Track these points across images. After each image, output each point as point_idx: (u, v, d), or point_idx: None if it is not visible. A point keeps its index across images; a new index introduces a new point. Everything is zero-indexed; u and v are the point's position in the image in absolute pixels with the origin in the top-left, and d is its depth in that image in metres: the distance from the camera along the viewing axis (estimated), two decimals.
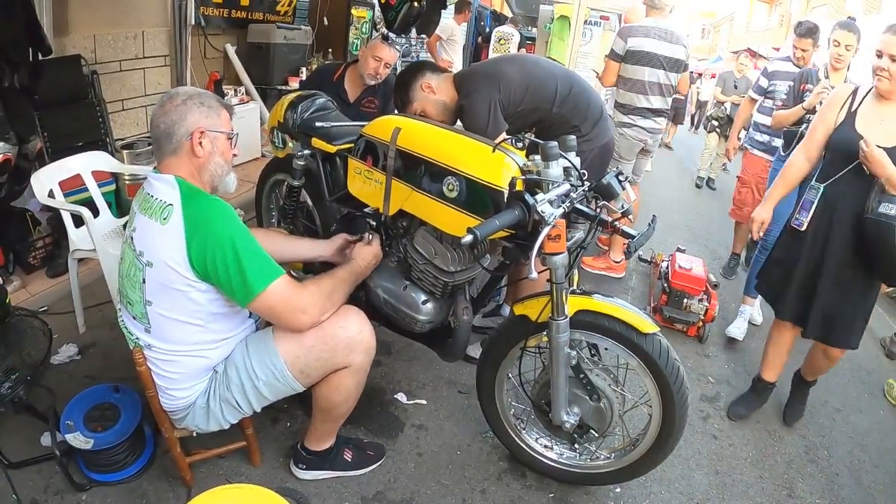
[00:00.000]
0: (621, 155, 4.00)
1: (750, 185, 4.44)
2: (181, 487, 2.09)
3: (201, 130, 1.72)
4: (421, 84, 2.54)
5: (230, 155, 1.84)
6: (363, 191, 2.33)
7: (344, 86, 3.58)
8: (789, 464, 2.64)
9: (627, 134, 3.97)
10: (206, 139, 1.74)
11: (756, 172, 4.37)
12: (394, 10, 5.05)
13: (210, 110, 1.75)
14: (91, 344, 2.84)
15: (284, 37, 6.07)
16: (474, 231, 1.58)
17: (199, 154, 1.73)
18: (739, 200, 4.55)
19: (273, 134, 2.94)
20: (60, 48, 3.77)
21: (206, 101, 1.75)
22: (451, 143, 2.05)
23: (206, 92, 1.81)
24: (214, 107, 1.77)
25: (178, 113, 1.71)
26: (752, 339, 3.72)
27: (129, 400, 2.18)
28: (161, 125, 1.72)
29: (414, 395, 2.72)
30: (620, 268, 4.43)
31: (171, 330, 1.74)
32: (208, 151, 1.75)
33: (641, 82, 3.85)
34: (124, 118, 4.64)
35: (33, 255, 3.30)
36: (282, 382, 1.83)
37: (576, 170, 1.85)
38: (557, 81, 2.57)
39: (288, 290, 1.72)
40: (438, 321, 2.29)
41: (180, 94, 1.74)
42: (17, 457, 2.11)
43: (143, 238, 1.69)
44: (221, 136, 1.79)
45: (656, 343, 1.90)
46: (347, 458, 2.21)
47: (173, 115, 1.71)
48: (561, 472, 2.28)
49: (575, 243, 1.93)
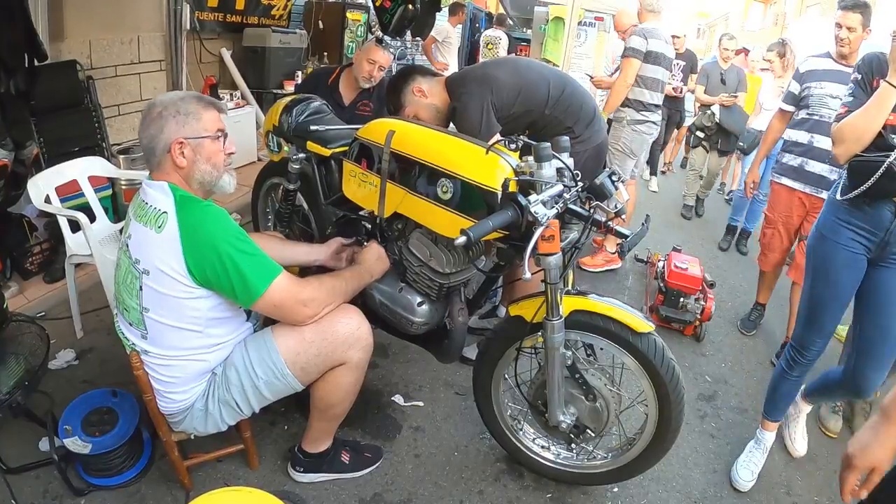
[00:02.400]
0: (633, 151, 4.12)
1: (777, 225, 3.56)
2: (179, 491, 2.10)
3: (179, 141, 1.71)
4: (412, 88, 2.55)
5: (220, 157, 1.81)
6: (358, 194, 2.34)
7: (339, 89, 3.58)
8: (787, 462, 2.64)
9: (642, 130, 4.06)
10: (186, 148, 1.72)
11: (786, 210, 3.47)
12: (388, 13, 5.05)
13: (187, 117, 1.72)
14: (89, 349, 2.84)
15: (280, 41, 6.07)
16: (468, 232, 1.58)
17: (181, 164, 1.73)
18: (766, 245, 3.68)
19: (268, 138, 2.95)
20: (56, 54, 3.77)
21: (183, 107, 1.72)
22: (445, 146, 2.06)
23: (186, 96, 1.77)
24: (192, 112, 1.73)
25: (155, 126, 1.70)
26: (749, 337, 3.74)
27: (126, 404, 2.18)
28: (143, 140, 1.73)
29: (411, 397, 2.72)
30: (618, 259, 4.49)
31: (169, 336, 1.74)
32: (191, 160, 1.74)
33: (656, 80, 3.98)
34: (120, 123, 4.63)
35: (30, 260, 3.31)
36: (281, 381, 1.84)
37: (569, 170, 1.85)
38: (549, 83, 2.58)
39: (289, 286, 1.74)
40: (434, 323, 2.29)
41: (157, 106, 1.72)
42: (15, 462, 2.11)
43: (139, 246, 1.69)
44: (205, 141, 1.76)
45: (651, 342, 1.90)
46: (345, 460, 2.22)
47: (151, 129, 1.70)
48: (558, 473, 2.29)
49: (569, 244, 1.94)
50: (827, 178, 3.22)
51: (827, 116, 3.13)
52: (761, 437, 2.56)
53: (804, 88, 3.32)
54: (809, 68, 3.31)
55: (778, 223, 3.55)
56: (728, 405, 3.00)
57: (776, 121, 3.64)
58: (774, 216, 3.57)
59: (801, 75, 3.35)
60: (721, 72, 6.01)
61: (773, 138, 3.70)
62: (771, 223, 3.61)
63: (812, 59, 3.34)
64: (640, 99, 4.01)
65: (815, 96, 3.24)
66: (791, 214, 3.46)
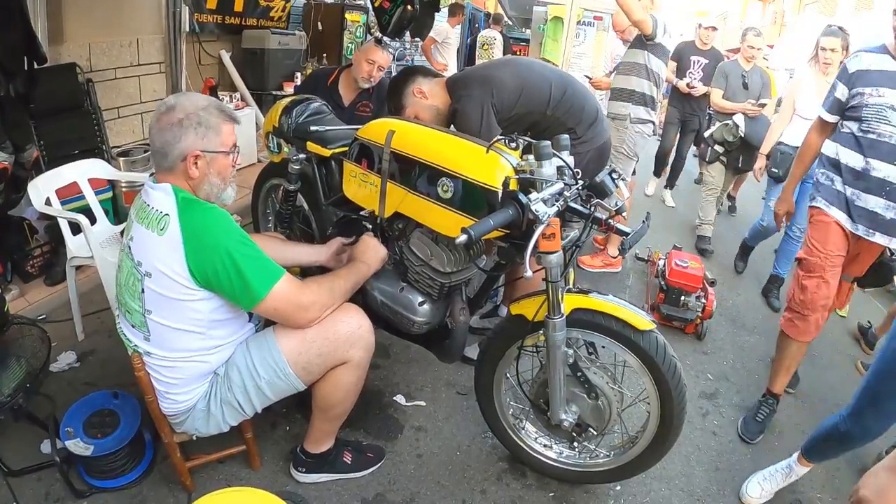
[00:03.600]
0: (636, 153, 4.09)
1: (822, 270, 2.56)
2: (181, 492, 2.10)
3: (196, 154, 1.70)
4: (413, 90, 2.55)
5: (229, 172, 1.81)
6: (359, 194, 2.34)
7: (338, 90, 3.59)
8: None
9: (644, 130, 4.01)
10: (201, 160, 1.71)
11: (833, 247, 2.55)
12: (387, 13, 5.05)
13: (208, 131, 1.71)
14: (90, 351, 2.84)
15: (279, 42, 6.08)
16: (469, 231, 1.58)
17: (193, 175, 1.72)
18: (801, 301, 2.63)
19: (268, 139, 2.95)
20: (56, 57, 3.77)
21: (205, 119, 1.70)
22: (445, 145, 2.06)
23: (209, 105, 1.74)
24: (213, 126, 1.72)
25: (172, 133, 1.67)
26: (751, 334, 3.73)
27: (128, 406, 2.19)
28: (156, 142, 1.70)
29: (413, 397, 2.73)
30: (618, 263, 4.45)
31: (171, 338, 1.74)
32: (204, 173, 1.74)
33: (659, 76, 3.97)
34: (120, 126, 4.64)
35: (31, 263, 3.31)
36: (284, 380, 1.84)
37: (569, 168, 1.85)
38: (551, 84, 2.57)
39: (291, 289, 1.74)
40: (435, 322, 2.29)
41: (177, 111, 1.68)
42: (17, 465, 2.12)
43: (141, 248, 1.69)
44: (219, 156, 1.76)
45: (653, 340, 1.90)
46: (347, 460, 2.22)
47: (167, 135, 1.67)
48: (561, 471, 2.29)
49: (570, 242, 1.94)
50: (881, 217, 2.46)
51: (889, 135, 2.39)
52: (793, 467, 2.34)
53: (854, 95, 2.51)
54: (861, 68, 2.49)
55: (823, 267, 2.57)
56: (730, 403, 3.00)
57: (815, 134, 2.78)
58: (818, 257, 2.58)
59: (849, 76, 2.53)
60: (743, 73, 4.96)
61: (812, 157, 2.82)
62: (812, 269, 2.60)
63: (864, 55, 2.51)
64: (652, 95, 3.96)
65: (870, 107, 2.43)
66: (842, 253, 2.58)
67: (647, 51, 3.85)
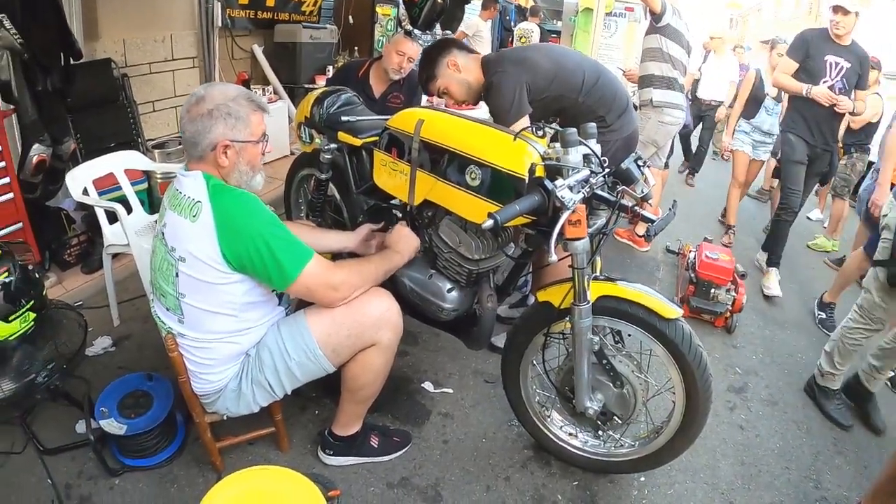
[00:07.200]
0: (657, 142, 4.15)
1: None
2: (211, 472, 2.15)
3: (226, 144, 1.73)
4: (447, 61, 2.57)
5: (258, 160, 1.84)
6: (389, 182, 2.36)
7: (369, 82, 3.62)
8: (816, 455, 2.61)
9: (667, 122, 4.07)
10: (230, 150, 1.74)
11: None
12: (417, 6, 5.08)
13: (237, 121, 1.73)
14: (125, 336, 2.91)
15: (310, 36, 6.14)
16: (495, 216, 1.60)
17: (223, 164, 1.75)
18: None
19: (300, 129, 2.98)
20: (91, 53, 3.87)
21: (234, 109, 1.72)
22: (472, 133, 2.07)
23: (238, 96, 1.76)
24: (243, 116, 1.74)
25: (202, 123, 1.70)
26: (781, 329, 3.69)
27: (161, 388, 2.24)
28: (187, 131, 1.73)
29: (440, 384, 2.75)
30: (642, 243, 4.52)
31: (205, 320, 1.78)
32: (233, 161, 1.76)
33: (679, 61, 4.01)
34: (155, 119, 4.74)
35: (68, 252, 3.39)
36: (314, 362, 1.88)
37: (595, 156, 1.86)
38: (585, 71, 2.58)
39: (321, 269, 1.77)
40: (463, 309, 2.31)
41: (207, 101, 1.71)
42: (52, 444, 2.18)
43: (175, 234, 1.73)
44: (248, 145, 1.78)
45: (679, 329, 1.89)
46: (374, 444, 2.25)
47: (198, 125, 1.70)
48: (585, 461, 2.29)
49: (596, 230, 1.94)
50: None
51: None
52: None
53: None
54: None
55: None
56: (758, 397, 2.97)
57: None
58: None
59: None
60: None
61: None
62: None
63: None
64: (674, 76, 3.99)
65: None
66: None
67: (659, 34, 3.90)
